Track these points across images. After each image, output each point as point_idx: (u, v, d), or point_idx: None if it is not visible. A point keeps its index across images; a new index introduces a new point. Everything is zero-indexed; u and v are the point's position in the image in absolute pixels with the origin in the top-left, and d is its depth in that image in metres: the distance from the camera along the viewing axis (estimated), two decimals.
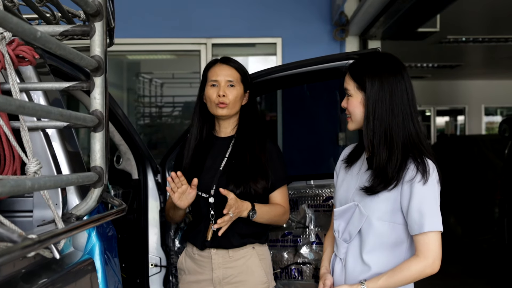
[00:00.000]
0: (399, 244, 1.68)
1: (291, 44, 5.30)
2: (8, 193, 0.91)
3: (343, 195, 1.80)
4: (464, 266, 5.86)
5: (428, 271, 1.62)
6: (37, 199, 1.52)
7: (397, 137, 1.65)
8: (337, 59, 2.18)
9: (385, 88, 1.66)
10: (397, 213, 1.66)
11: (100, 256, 1.59)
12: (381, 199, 1.66)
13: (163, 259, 2.80)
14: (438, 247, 1.61)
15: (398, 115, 1.65)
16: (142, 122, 6.27)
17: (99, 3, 1.40)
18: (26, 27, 0.97)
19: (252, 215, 2.04)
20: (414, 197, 1.61)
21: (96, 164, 1.45)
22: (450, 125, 13.31)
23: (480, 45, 7.63)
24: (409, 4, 4.15)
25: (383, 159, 1.64)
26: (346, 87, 1.75)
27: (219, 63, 2.19)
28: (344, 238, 1.76)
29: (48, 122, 1.53)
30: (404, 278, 1.62)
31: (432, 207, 1.61)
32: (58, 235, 1.16)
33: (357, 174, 1.78)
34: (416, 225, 1.61)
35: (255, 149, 2.14)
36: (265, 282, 2.13)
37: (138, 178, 2.84)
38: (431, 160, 1.65)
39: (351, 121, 1.76)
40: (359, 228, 1.70)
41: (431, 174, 1.62)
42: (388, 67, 1.70)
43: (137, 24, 5.15)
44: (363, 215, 1.69)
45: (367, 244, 1.69)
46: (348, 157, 1.86)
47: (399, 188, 1.64)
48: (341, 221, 1.78)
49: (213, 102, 2.14)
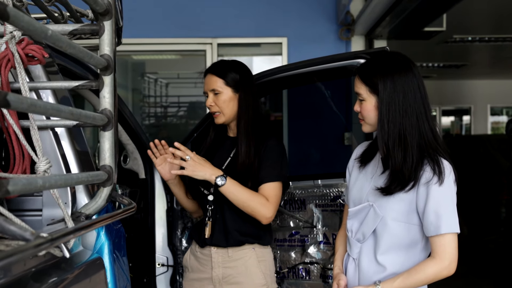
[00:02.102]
0: (413, 245, 1.67)
1: (297, 44, 5.29)
2: (20, 191, 0.91)
3: (356, 195, 1.78)
4: (470, 266, 5.84)
5: (444, 273, 1.61)
6: (46, 198, 1.52)
7: (412, 137, 1.63)
8: (345, 58, 2.17)
9: (398, 89, 1.64)
10: (413, 214, 1.64)
11: (109, 255, 1.59)
12: (396, 199, 1.65)
13: (170, 258, 2.80)
14: (454, 249, 1.60)
15: (412, 115, 1.63)
16: (147, 122, 6.28)
17: (108, 2, 1.40)
18: (37, 26, 0.98)
19: (221, 182, 1.99)
20: (430, 198, 1.59)
21: (105, 163, 1.45)
22: (455, 125, 13.27)
23: (486, 44, 7.60)
24: (415, 3, 4.14)
25: (399, 161, 1.62)
26: (358, 91, 1.71)
27: (207, 73, 2.21)
28: (357, 238, 1.75)
29: (57, 121, 1.53)
30: (420, 280, 1.61)
31: (449, 208, 1.60)
32: (69, 234, 1.16)
33: (371, 174, 1.76)
34: (433, 226, 1.59)
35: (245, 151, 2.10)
36: (263, 285, 2.12)
37: (145, 177, 2.84)
38: (447, 160, 1.63)
39: (365, 124, 1.73)
40: (374, 229, 1.69)
41: (447, 175, 1.60)
42: (399, 67, 1.67)
43: (142, 24, 5.16)
44: (378, 215, 1.68)
45: (381, 244, 1.68)
46: (361, 156, 1.84)
47: (415, 189, 1.62)
48: (355, 221, 1.76)
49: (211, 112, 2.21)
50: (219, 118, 2.17)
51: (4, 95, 0.86)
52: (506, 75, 11.25)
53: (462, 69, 10.19)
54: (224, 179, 2.00)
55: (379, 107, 1.66)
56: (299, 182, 2.47)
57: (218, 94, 2.15)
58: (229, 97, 2.15)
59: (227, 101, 2.15)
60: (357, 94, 1.72)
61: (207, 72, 2.21)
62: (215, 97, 2.15)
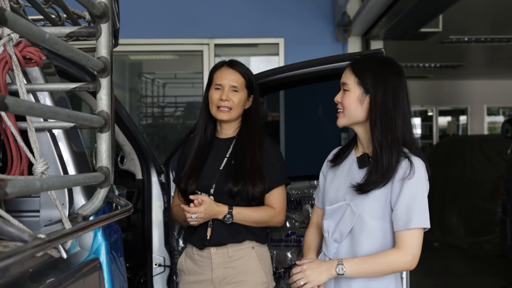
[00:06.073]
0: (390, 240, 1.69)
1: (294, 44, 5.30)
2: (18, 193, 0.92)
3: (333, 195, 1.80)
4: (466, 266, 5.87)
5: (406, 266, 1.65)
6: (43, 199, 1.53)
7: (398, 138, 1.68)
8: (340, 60, 2.19)
9: (389, 90, 1.69)
10: (387, 210, 1.68)
11: (106, 256, 1.60)
12: (371, 197, 1.68)
13: (167, 258, 2.81)
14: (419, 245, 1.64)
15: (399, 118, 1.69)
16: (145, 122, 6.29)
17: (105, 5, 1.42)
18: (35, 29, 0.99)
19: (228, 219, 2.07)
20: (403, 193, 1.63)
21: (102, 165, 1.46)
22: (452, 125, 13.30)
23: (482, 45, 7.63)
24: (412, 4, 4.15)
25: (386, 161, 1.66)
26: (345, 81, 1.75)
27: (226, 66, 2.20)
28: (334, 238, 1.76)
29: (55, 122, 1.54)
30: (380, 264, 1.64)
31: (421, 203, 1.64)
32: (67, 235, 1.18)
33: (347, 173, 1.79)
34: (403, 221, 1.63)
35: (255, 152, 2.15)
36: (264, 282, 2.15)
37: (142, 178, 2.85)
38: (421, 158, 1.68)
39: (342, 116, 1.76)
40: (351, 227, 1.71)
41: (421, 172, 1.65)
42: (391, 70, 1.73)
43: (139, 24, 5.16)
44: (355, 213, 1.70)
45: (359, 242, 1.70)
46: (334, 157, 1.87)
47: (390, 185, 1.66)
48: (331, 221, 1.78)
49: (214, 105, 2.17)
50: (226, 114, 2.16)
51: (2, 99, 0.87)
52: (502, 75, 11.28)
53: (458, 69, 10.22)
54: (230, 216, 2.06)
55: (372, 108, 1.69)
56: (295, 182, 2.49)
57: (236, 92, 2.16)
58: (244, 99, 2.19)
59: (242, 102, 2.18)
60: (342, 85, 1.76)
61: (228, 66, 2.20)
62: (233, 94, 2.16)
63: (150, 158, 2.83)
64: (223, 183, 2.12)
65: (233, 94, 2.16)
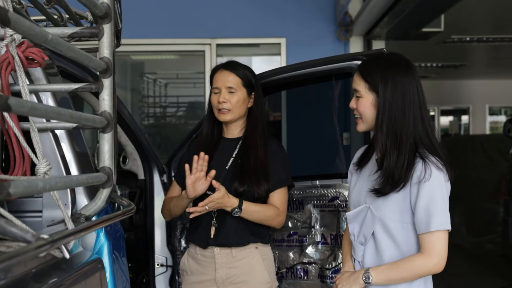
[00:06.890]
0: (413, 243, 1.67)
1: (295, 44, 5.30)
2: (21, 194, 0.92)
3: (355, 198, 1.80)
4: (468, 265, 5.86)
5: (432, 270, 1.62)
6: (46, 199, 1.54)
7: (407, 138, 1.64)
8: (342, 59, 2.19)
9: (398, 90, 1.65)
10: (407, 213, 1.65)
11: (108, 256, 1.60)
12: (390, 200, 1.66)
13: (169, 258, 2.81)
14: (444, 247, 1.61)
15: (409, 117, 1.65)
16: (146, 122, 6.29)
17: (107, 5, 1.42)
18: (37, 30, 0.99)
19: (236, 212, 2.07)
20: (421, 196, 1.60)
21: (104, 165, 1.46)
22: (454, 124, 13.28)
23: (484, 44, 7.62)
24: (414, 4, 4.15)
25: (393, 161, 1.63)
26: (356, 88, 1.72)
27: (221, 69, 2.22)
28: (359, 241, 1.76)
29: (57, 123, 1.54)
30: (406, 270, 1.63)
31: (440, 205, 1.61)
32: (70, 235, 1.18)
33: (368, 176, 1.77)
34: (423, 224, 1.61)
35: (261, 152, 2.16)
36: (268, 282, 2.15)
37: (144, 178, 2.85)
38: (440, 159, 1.64)
39: (361, 122, 1.74)
40: (373, 230, 1.70)
41: (438, 174, 1.61)
42: (400, 68, 1.68)
43: (141, 24, 5.16)
44: (375, 216, 1.69)
45: (382, 245, 1.69)
46: (359, 159, 1.85)
47: (408, 188, 1.63)
48: (355, 224, 1.78)
49: (215, 108, 2.20)
50: (226, 115, 2.17)
51: (5, 99, 0.87)
52: (504, 75, 11.26)
53: (460, 69, 10.21)
54: (239, 210, 2.07)
55: (379, 107, 1.66)
56: (297, 182, 2.48)
57: (233, 93, 2.17)
58: (243, 98, 2.19)
59: (241, 101, 2.18)
60: (355, 91, 1.73)
61: (224, 68, 2.21)
62: (230, 95, 2.17)
63: (152, 158, 2.83)
64: (229, 183, 2.12)
65: (230, 95, 2.17)
